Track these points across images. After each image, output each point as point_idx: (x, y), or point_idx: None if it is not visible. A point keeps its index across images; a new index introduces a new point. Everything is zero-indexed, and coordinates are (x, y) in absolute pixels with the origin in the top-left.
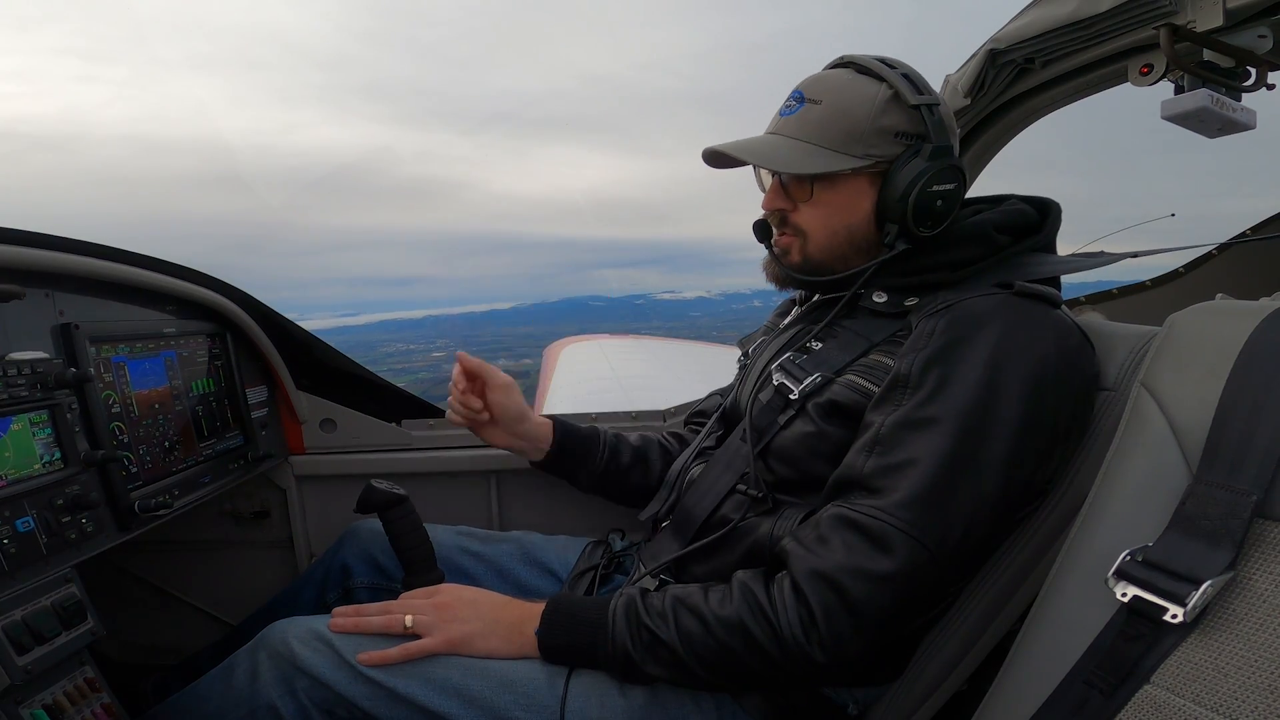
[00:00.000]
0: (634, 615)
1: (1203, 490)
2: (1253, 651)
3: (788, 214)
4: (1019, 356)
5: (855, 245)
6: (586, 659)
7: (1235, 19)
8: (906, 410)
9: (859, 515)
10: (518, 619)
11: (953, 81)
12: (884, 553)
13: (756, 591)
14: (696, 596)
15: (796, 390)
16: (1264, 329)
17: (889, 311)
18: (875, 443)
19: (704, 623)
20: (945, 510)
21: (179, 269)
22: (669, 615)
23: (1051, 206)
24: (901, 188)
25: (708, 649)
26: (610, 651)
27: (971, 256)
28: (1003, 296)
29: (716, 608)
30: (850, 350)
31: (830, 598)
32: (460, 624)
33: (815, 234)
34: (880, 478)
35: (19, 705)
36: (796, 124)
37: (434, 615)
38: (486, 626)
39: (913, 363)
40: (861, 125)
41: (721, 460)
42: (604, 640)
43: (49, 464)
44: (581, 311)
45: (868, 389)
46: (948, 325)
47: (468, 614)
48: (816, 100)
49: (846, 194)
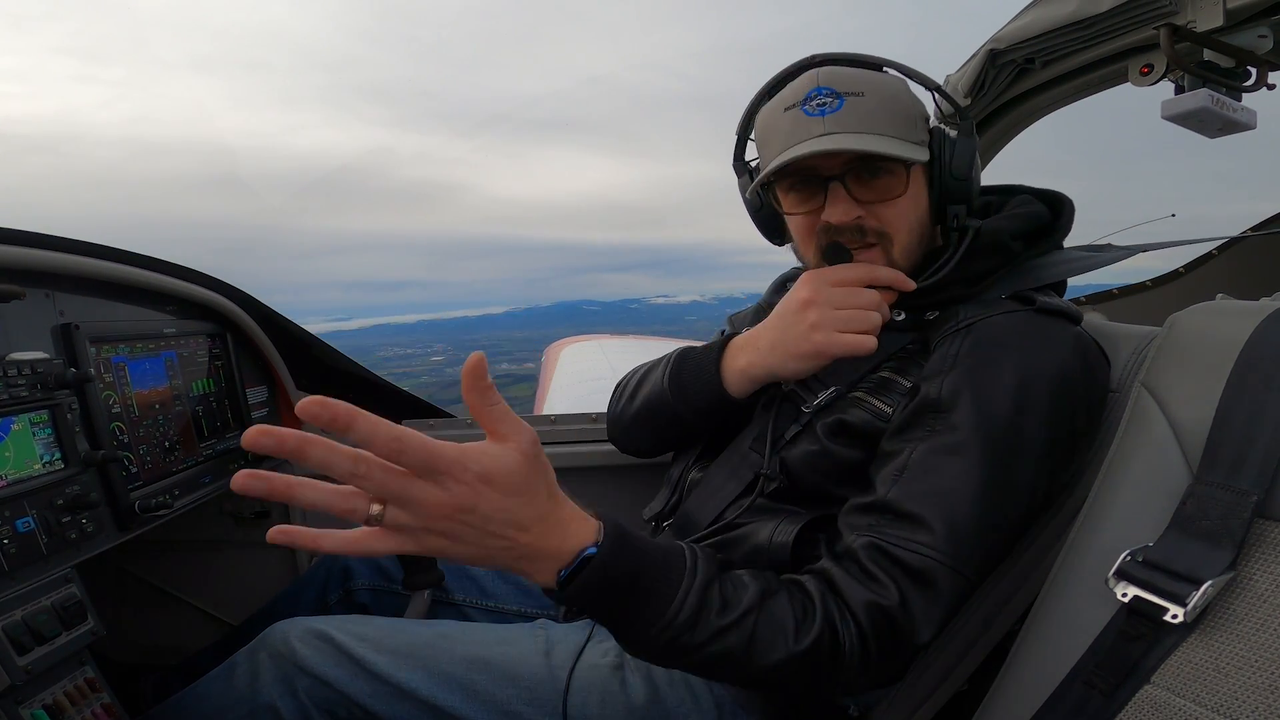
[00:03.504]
0: (712, 579)
1: (1203, 490)
2: (1253, 651)
3: (864, 221)
4: (1045, 378)
5: (924, 240)
6: (635, 609)
7: (1235, 19)
8: (937, 439)
9: (900, 550)
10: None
11: (953, 81)
12: (929, 588)
13: (836, 619)
14: (784, 611)
15: (811, 403)
16: (1264, 329)
17: (904, 327)
18: (905, 469)
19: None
20: (982, 538)
21: (179, 269)
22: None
23: (1064, 203)
24: (963, 166)
25: (768, 663)
26: (678, 606)
27: (989, 268)
28: (1025, 315)
29: (794, 629)
30: (865, 361)
31: (885, 631)
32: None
33: (900, 233)
34: (913, 504)
35: (19, 705)
36: (854, 119)
37: (427, 520)
38: (492, 554)
39: (940, 387)
40: (911, 111)
41: (726, 465)
42: (675, 585)
43: (49, 464)
44: (575, 315)
45: (879, 409)
46: (973, 346)
47: (487, 536)
48: (857, 93)
49: (917, 184)
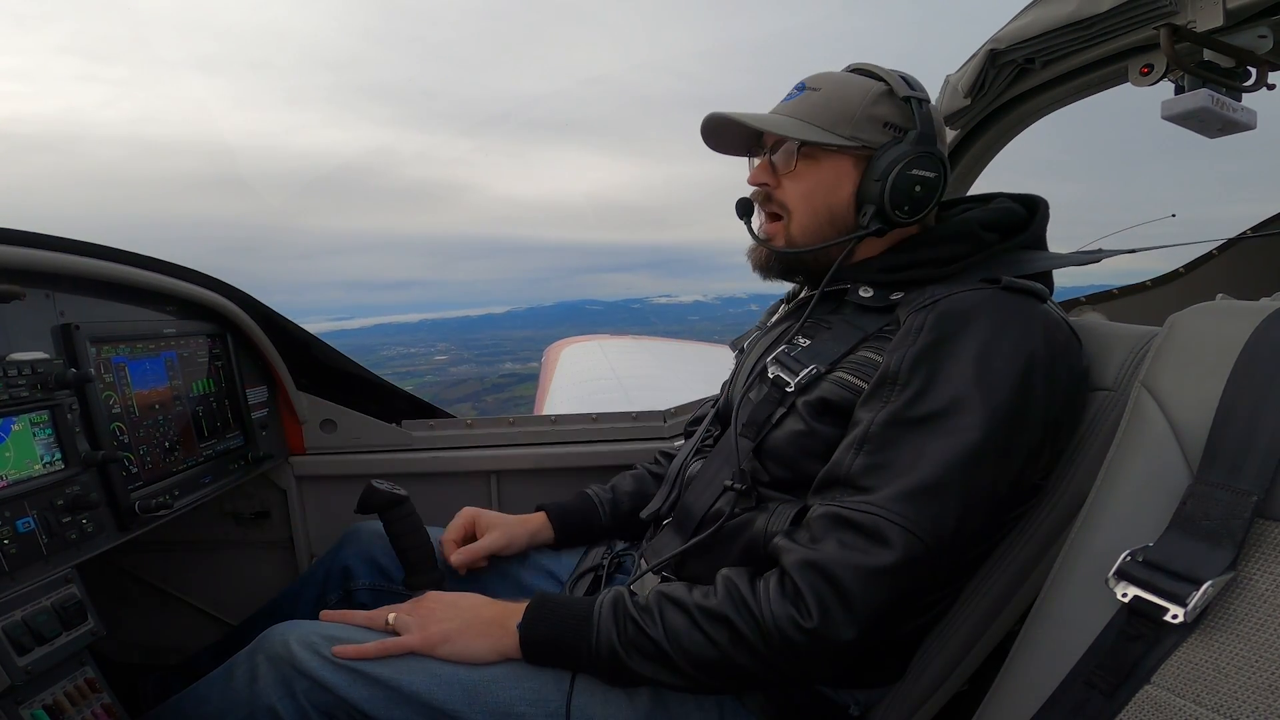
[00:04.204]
0: (621, 610)
1: (1203, 490)
2: (1253, 651)
3: (772, 191)
4: (1007, 351)
5: (835, 226)
6: (570, 656)
7: (1235, 19)
8: (895, 407)
9: (851, 512)
10: (499, 615)
11: (953, 82)
12: (880, 546)
13: (739, 584)
14: (681, 592)
15: (793, 383)
16: (1264, 329)
17: (876, 306)
18: (864, 440)
19: (689, 616)
20: (938, 503)
21: (179, 269)
22: (654, 611)
23: (1039, 203)
24: (881, 169)
25: (694, 644)
26: (595, 648)
27: (958, 253)
28: (990, 291)
29: (700, 600)
30: (844, 341)
31: (823, 587)
32: (439, 623)
33: (798, 211)
34: (870, 475)
35: (19, 705)
36: (794, 106)
37: (415, 616)
38: (465, 624)
39: (901, 359)
40: (853, 110)
41: (719, 456)
42: (588, 635)
43: (49, 464)
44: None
45: (857, 386)
46: (935, 320)
47: (447, 614)
48: (816, 88)
49: (831, 172)
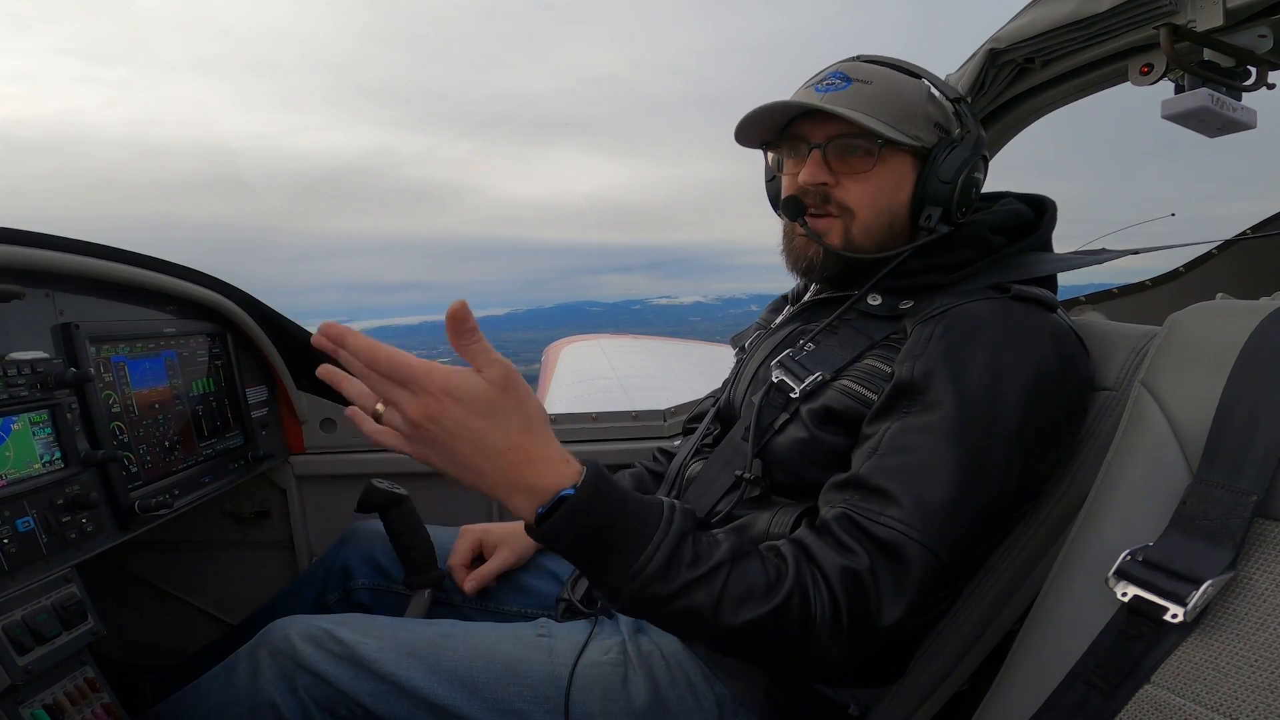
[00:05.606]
0: (687, 533)
1: (1203, 490)
2: (1253, 651)
3: (830, 191)
4: (1018, 362)
5: (894, 230)
6: (606, 555)
7: (1235, 19)
8: (910, 419)
9: (871, 524)
10: (527, 482)
11: (953, 81)
12: (899, 563)
13: (807, 585)
14: (752, 550)
15: (798, 389)
16: (1264, 329)
17: (884, 314)
18: (878, 447)
19: (751, 580)
20: (954, 518)
21: (179, 269)
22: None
23: (1047, 204)
24: (949, 171)
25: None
26: (649, 555)
27: (967, 259)
28: (999, 301)
29: (773, 571)
30: (851, 348)
31: (858, 599)
32: (437, 455)
33: (863, 213)
34: (885, 482)
35: (19, 705)
36: (849, 98)
37: (410, 426)
38: (472, 473)
39: (913, 369)
40: (914, 108)
41: (720, 457)
42: (648, 536)
43: (49, 464)
44: (577, 317)
45: (864, 395)
46: (946, 330)
47: (458, 451)
48: (866, 81)
49: (896, 173)
